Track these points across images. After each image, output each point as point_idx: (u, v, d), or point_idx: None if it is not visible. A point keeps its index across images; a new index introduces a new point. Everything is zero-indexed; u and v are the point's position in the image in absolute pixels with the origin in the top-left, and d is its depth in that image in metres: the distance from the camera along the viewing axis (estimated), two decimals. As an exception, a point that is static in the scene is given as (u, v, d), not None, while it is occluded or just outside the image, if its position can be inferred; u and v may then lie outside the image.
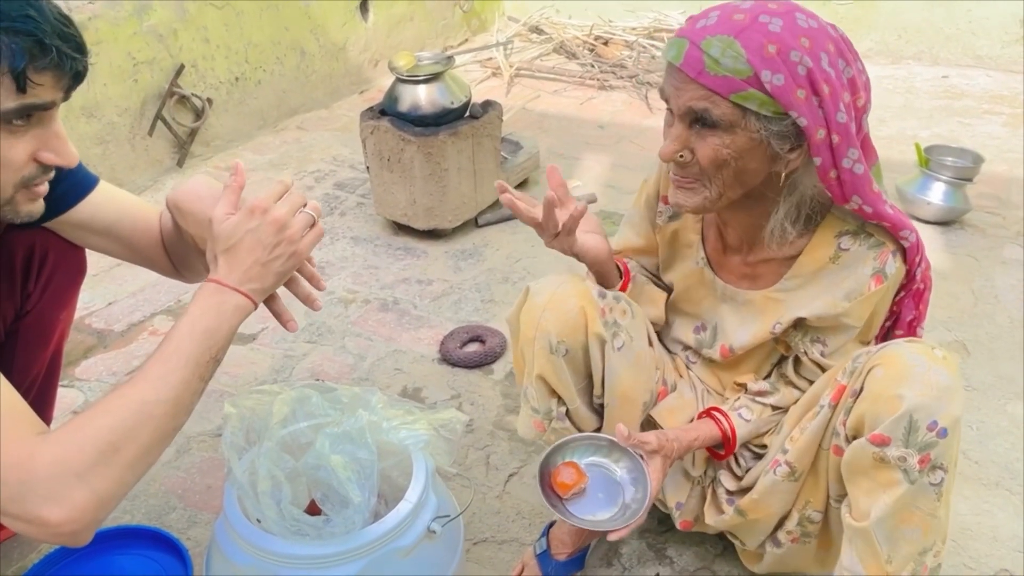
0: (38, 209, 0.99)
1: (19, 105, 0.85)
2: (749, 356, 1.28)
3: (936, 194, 2.57)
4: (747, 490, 1.23)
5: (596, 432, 1.27)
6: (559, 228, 1.15)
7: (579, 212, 1.14)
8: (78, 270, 1.33)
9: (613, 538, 1.12)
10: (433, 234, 2.58)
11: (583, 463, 1.20)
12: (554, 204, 1.13)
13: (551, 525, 1.45)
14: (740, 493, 1.25)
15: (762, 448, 1.26)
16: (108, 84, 2.74)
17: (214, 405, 1.83)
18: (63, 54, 0.86)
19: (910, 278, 1.14)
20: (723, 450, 1.26)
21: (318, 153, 3.25)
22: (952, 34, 4.01)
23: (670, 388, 1.33)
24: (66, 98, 0.92)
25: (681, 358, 1.38)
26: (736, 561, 1.40)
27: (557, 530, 1.42)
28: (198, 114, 3.06)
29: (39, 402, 1.40)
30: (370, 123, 2.47)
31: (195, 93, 3.02)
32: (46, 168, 0.95)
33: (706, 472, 1.32)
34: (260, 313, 1.09)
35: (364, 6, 3.81)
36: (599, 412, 1.27)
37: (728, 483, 1.28)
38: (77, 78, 0.90)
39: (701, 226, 1.27)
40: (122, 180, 2.80)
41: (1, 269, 1.23)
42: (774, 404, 1.24)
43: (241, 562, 1.10)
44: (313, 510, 1.16)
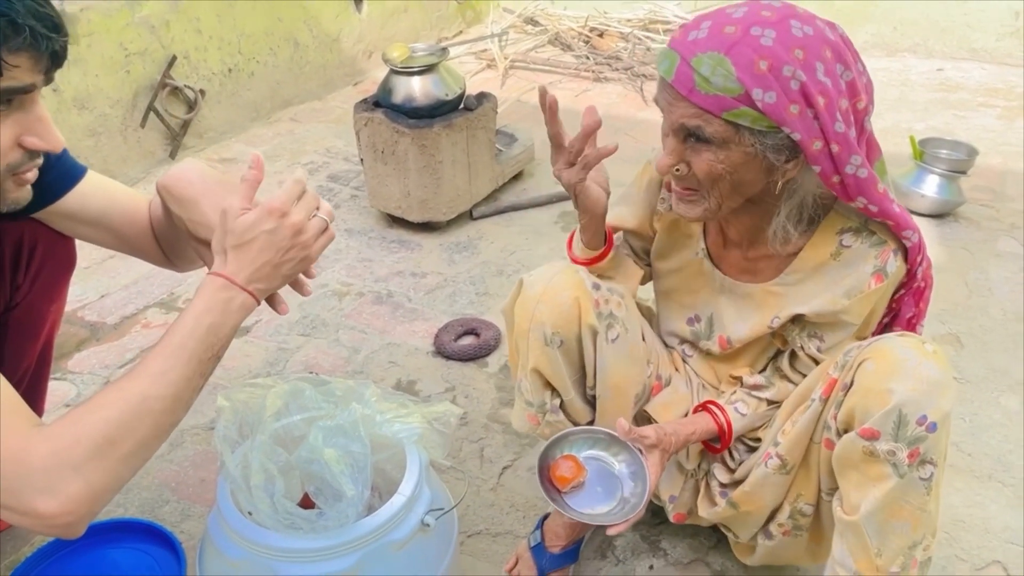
0: (25, 196, 0.98)
1: None
2: (746, 350, 1.28)
3: (930, 187, 2.57)
4: (740, 483, 1.23)
5: (590, 424, 1.27)
6: (579, 157, 1.12)
7: (608, 150, 1.11)
8: (68, 261, 1.32)
9: (612, 532, 1.13)
10: (427, 227, 2.58)
11: (582, 456, 1.20)
12: (591, 132, 1.10)
13: (545, 517, 1.45)
14: (733, 486, 1.25)
15: (756, 441, 1.26)
16: (100, 75, 2.73)
17: (207, 398, 1.82)
18: (38, 34, 0.83)
19: (911, 276, 1.14)
20: (719, 444, 1.26)
21: (312, 145, 3.23)
22: (948, 27, 4.01)
23: (664, 383, 1.33)
24: (47, 81, 0.89)
25: (678, 352, 1.38)
26: (729, 553, 1.41)
27: (551, 522, 1.42)
28: (191, 106, 3.04)
29: (30, 395, 1.39)
30: (364, 115, 2.46)
31: (188, 84, 3.01)
32: (32, 154, 0.93)
33: (700, 465, 1.32)
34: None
35: (358, -3, 3.80)
36: (593, 404, 1.27)
37: (721, 476, 1.28)
38: (55, 59, 0.88)
39: None
40: (114, 172, 2.79)
41: (-10, 261, 1.22)
42: (770, 398, 1.24)
43: (234, 556, 1.10)
44: (306, 503, 1.16)
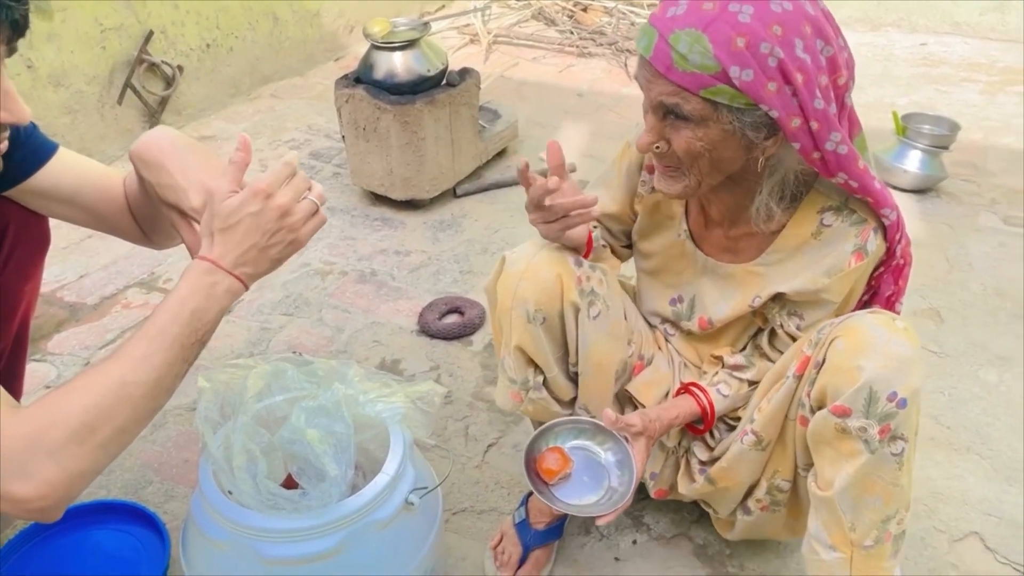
0: None
1: None
2: (727, 329, 1.29)
3: (913, 162, 2.58)
4: (719, 460, 1.24)
5: (573, 401, 1.27)
6: (556, 216, 1.11)
7: (585, 218, 1.12)
8: (42, 240, 1.29)
9: (602, 523, 1.13)
10: (410, 204, 2.56)
11: (567, 447, 1.20)
12: (549, 192, 1.08)
13: (530, 494, 1.46)
14: (712, 463, 1.26)
15: (736, 420, 1.27)
16: (75, 51, 2.67)
17: (189, 378, 1.79)
18: None
19: (890, 255, 1.15)
20: (702, 425, 1.27)
21: (292, 122, 3.19)
22: (931, 1, 4.00)
23: (647, 362, 1.33)
24: (11, 52, 0.86)
25: (660, 331, 1.39)
26: (711, 528, 1.42)
27: (536, 500, 1.43)
28: (168, 82, 2.99)
29: (7, 376, 1.37)
30: (345, 91, 2.43)
31: (165, 60, 2.95)
32: None
33: (680, 443, 1.34)
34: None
35: (339, -30, 3.74)
36: (576, 381, 1.27)
37: (701, 454, 1.29)
38: (16, 27, 0.84)
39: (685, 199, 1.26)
40: (91, 150, 2.74)
41: (-41, 243, 1.20)
42: (751, 379, 1.25)
43: (218, 536, 1.10)
44: (290, 484, 1.16)
